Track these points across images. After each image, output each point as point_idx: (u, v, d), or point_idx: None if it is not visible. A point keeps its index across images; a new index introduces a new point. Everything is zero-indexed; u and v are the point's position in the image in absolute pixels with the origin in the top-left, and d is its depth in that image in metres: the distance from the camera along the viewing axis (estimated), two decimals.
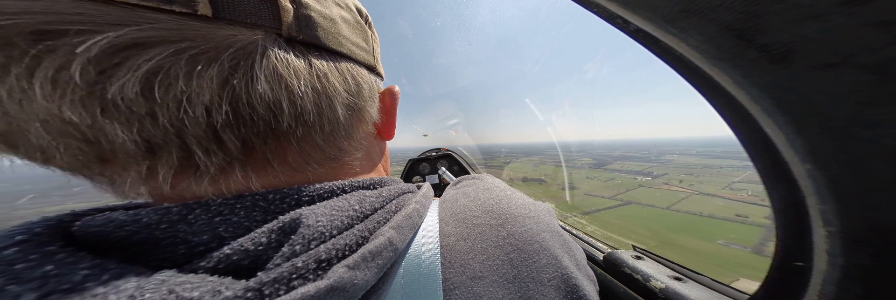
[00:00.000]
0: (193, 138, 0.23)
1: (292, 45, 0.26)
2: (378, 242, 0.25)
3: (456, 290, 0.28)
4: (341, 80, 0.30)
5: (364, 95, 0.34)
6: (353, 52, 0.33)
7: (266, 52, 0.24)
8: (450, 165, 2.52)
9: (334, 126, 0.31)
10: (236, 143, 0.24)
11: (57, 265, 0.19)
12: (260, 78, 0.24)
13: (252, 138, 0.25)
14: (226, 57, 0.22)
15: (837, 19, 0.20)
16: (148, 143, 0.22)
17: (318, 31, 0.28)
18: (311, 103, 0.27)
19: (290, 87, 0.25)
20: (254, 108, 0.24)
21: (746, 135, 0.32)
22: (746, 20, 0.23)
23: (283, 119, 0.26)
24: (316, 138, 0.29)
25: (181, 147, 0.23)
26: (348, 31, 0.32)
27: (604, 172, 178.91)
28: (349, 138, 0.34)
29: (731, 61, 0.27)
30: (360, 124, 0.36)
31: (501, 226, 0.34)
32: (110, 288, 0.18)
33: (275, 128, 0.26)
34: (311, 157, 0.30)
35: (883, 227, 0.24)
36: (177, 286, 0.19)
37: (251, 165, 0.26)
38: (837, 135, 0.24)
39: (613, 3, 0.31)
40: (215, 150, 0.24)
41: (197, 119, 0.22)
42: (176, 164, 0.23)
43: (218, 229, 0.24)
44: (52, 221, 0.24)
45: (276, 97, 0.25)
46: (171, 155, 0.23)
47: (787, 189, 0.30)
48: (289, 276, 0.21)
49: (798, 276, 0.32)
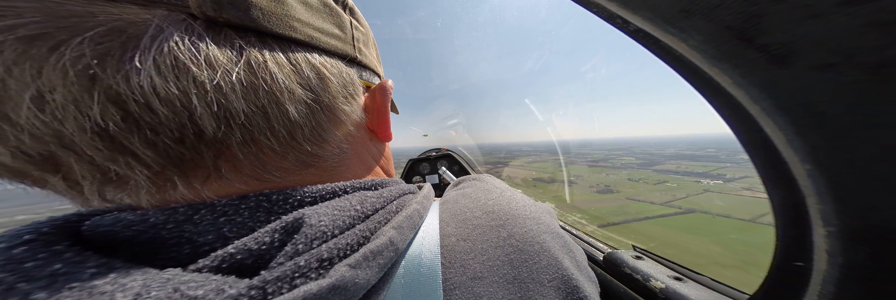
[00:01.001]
0: (86, 148, 0.19)
1: (214, 29, 0.22)
2: (379, 242, 0.25)
3: (456, 290, 0.28)
4: (292, 73, 0.25)
5: (332, 91, 0.29)
6: (316, 39, 0.28)
7: (159, 36, 0.19)
8: (450, 165, 2.52)
9: (291, 128, 0.26)
10: (150, 154, 0.21)
11: (65, 264, 0.19)
12: (146, 69, 0.19)
13: (172, 145, 0.21)
14: (86, 41, 0.18)
15: (837, 19, 0.20)
16: (26, 154, 0.19)
17: (250, 11, 0.23)
18: (242, 100, 0.22)
19: (200, 81, 0.20)
20: (151, 108, 0.20)
21: (746, 135, 0.32)
22: (746, 20, 0.23)
23: (202, 120, 0.21)
24: (268, 143, 0.25)
25: (80, 158, 0.20)
26: (307, 15, 0.28)
27: (653, 174, 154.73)
28: (320, 142, 0.30)
29: (731, 61, 0.27)
30: (335, 125, 0.31)
31: (502, 226, 0.34)
32: (117, 286, 0.18)
33: (198, 132, 0.22)
34: (271, 165, 0.27)
35: (883, 227, 0.24)
36: (182, 285, 0.19)
37: (194, 176, 0.24)
38: (837, 135, 0.24)
39: (613, 3, 0.31)
40: (129, 162, 0.21)
41: (72, 122, 0.18)
42: (96, 178, 0.21)
43: (222, 229, 0.24)
44: (59, 221, 0.24)
45: (177, 93, 0.20)
46: (79, 166, 0.20)
47: (787, 189, 0.30)
48: (291, 275, 0.21)
49: (798, 276, 0.32)
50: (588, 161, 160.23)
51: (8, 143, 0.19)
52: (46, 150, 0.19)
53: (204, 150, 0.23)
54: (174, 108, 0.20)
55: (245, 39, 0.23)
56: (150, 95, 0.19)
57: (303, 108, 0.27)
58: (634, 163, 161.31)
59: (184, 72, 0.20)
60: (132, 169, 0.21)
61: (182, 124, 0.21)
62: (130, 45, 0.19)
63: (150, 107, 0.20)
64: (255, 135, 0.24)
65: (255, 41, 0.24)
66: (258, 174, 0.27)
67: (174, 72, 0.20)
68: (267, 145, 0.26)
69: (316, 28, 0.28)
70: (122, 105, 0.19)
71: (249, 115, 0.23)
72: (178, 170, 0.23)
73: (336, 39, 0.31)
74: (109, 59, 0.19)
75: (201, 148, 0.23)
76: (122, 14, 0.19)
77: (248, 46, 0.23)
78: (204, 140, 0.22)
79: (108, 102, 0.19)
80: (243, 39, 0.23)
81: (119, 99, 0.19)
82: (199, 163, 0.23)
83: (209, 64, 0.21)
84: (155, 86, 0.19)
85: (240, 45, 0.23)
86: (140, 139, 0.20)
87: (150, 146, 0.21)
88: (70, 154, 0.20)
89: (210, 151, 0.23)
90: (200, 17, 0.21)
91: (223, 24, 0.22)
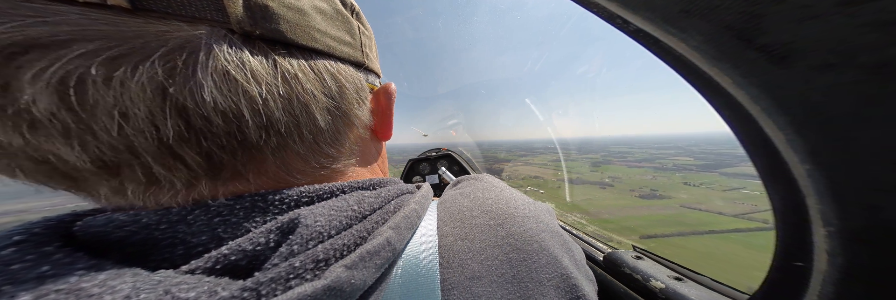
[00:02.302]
0: (149, 155, 0.21)
1: (249, 43, 0.23)
2: (376, 242, 0.25)
3: (454, 290, 0.28)
4: (317, 82, 0.27)
5: (349, 97, 0.31)
6: (333, 48, 0.29)
7: (211, 52, 0.21)
8: (450, 165, 2.52)
9: (317, 134, 0.28)
10: (197, 159, 0.22)
11: (53, 265, 0.19)
12: (207, 84, 0.21)
13: (216, 152, 0.23)
14: (156, 59, 0.19)
15: (837, 19, 0.20)
16: (101, 161, 0.21)
17: (280, 23, 0.24)
18: (281, 111, 0.24)
19: (250, 94, 0.22)
20: (209, 119, 0.21)
21: (746, 135, 0.32)
22: (746, 20, 0.23)
23: (249, 130, 0.23)
24: (296, 148, 0.27)
25: (142, 164, 0.21)
26: (325, 24, 0.29)
27: (721, 178, 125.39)
28: (337, 145, 0.32)
29: (731, 61, 0.27)
30: (350, 129, 0.33)
31: (500, 225, 0.34)
32: (106, 289, 0.18)
33: (242, 140, 0.23)
34: (294, 168, 0.28)
35: (883, 227, 0.24)
36: (173, 287, 0.19)
37: (221, 179, 0.25)
38: (837, 135, 0.24)
39: (613, 3, 0.31)
40: (177, 167, 0.22)
41: (144, 134, 0.20)
42: (144, 181, 0.22)
43: (217, 230, 0.24)
44: (52, 221, 0.24)
45: (233, 106, 0.22)
46: (135, 172, 0.22)
47: (787, 189, 0.30)
48: (286, 276, 0.20)
49: (798, 276, 0.32)
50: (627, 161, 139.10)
51: (91, 152, 0.20)
52: (118, 157, 0.21)
53: (240, 155, 0.24)
54: (227, 118, 0.22)
55: (277, 52, 0.24)
56: (210, 108, 0.21)
57: (327, 115, 0.29)
58: (692, 164, 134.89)
59: (235, 85, 0.22)
60: (178, 173, 0.22)
61: (230, 133, 0.23)
62: (191, 62, 0.20)
63: (209, 118, 0.21)
64: (287, 141, 0.26)
65: (284, 53, 0.25)
66: (280, 176, 0.28)
67: (228, 86, 0.22)
68: (294, 150, 0.28)
69: (332, 37, 0.30)
70: (185, 117, 0.21)
71: (286, 123, 0.25)
72: (212, 174, 0.24)
73: (348, 46, 0.32)
74: (177, 77, 0.20)
75: (239, 153, 0.24)
76: (175, 31, 0.20)
77: (280, 58, 0.24)
78: (244, 146, 0.24)
79: (177, 116, 0.21)
80: (275, 52, 0.24)
81: (184, 112, 0.21)
82: (231, 167, 0.25)
83: (255, 78, 0.23)
84: (215, 99, 0.21)
85: (273, 58, 0.24)
86: (193, 147, 0.22)
87: (199, 152, 0.22)
88: (135, 161, 0.21)
89: (245, 156, 0.25)
90: (238, 31, 0.22)
91: (256, 38, 0.23)
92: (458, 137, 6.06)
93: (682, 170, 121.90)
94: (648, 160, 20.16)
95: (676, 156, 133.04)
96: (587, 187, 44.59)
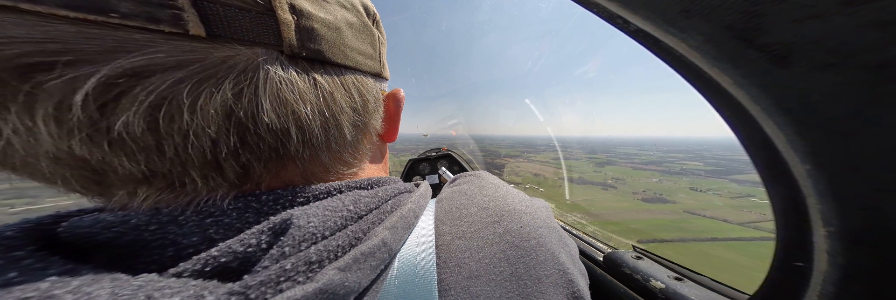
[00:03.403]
0: (197, 168, 0.22)
1: (295, 63, 0.24)
2: (371, 243, 0.25)
3: (451, 291, 0.28)
4: (347, 98, 0.29)
5: (369, 109, 0.33)
6: (360, 63, 0.31)
7: (268, 75, 0.22)
8: (450, 165, 2.52)
9: (341, 145, 0.30)
10: (237, 170, 0.24)
11: (21, 271, 0.18)
12: (265, 106, 0.22)
13: (253, 163, 0.24)
14: (227, 84, 0.21)
15: (837, 19, 0.20)
16: (151, 171, 0.22)
17: (322, 44, 0.26)
18: (319, 127, 0.26)
19: (298, 114, 0.24)
20: (262, 137, 0.23)
21: (746, 135, 0.32)
22: (747, 20, 0.23)
23: (291, 145, 0.25)
24: (321, 158, 0.29)
25: (182, 174, 0.22)
26: (354, 39, 0.30)
27: (731, 184, 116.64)
28: (355, 153, 0.34)
29: (731, 61, 0.27)
30: (365, 137, 0.35)
31: (498, 223, 0.34)
32: (80, 295, 0.17)
33: (282, 153, 0.25)
34: (314, 175, 0.30)
35: (883, 227, 0.24)
36: (155, 291, 0.18)
37: (238, 187, 0.25)
38: (837, 135, 0.24)
39: (613, 3, 0.31)
40: (214, 177, 0.23)
41: (203, 150, 0.21)
42: (170, 187, 0.23)
43: (208, 231, 0.23)
44: (29, 224, 0.23)
45: (283, 125, 0.24)
46: (170, 180, 0.22)
47: (787, 189, 0.30)
48: (277, 279, 0.20)
49: (798, 276, 0.32)
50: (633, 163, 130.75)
51: (151, 165, 0.21)
52: (167, 169, 0.22)
53: (273, 165, 0.26)
54: (276, 136, 0.24)
55: (316, 70, 0.26)
56: (266, 127, 0.23)
57: (352, 129, 0.31)
58: (701, 170, 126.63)
59: (286, 106, 0.23)
60: (211, 181, 0.23)
61: (274, 148, 0.24)
62: (251, 85, 0.22)
63: (261, 136, 0.23)
64: (317, 152, 0.28)
65: (322, 71, 0.26)
66: (297, 181, 0.29)
67: (282, 107, 0.23)
68: (320, 160, 0.29)
69: (359, 52, 0.31)
70: (241, 135, 0.22)
71: (319, 137, 0.27)
72: (240, 182, 0.25)
73: (371, 59, 0.33)
74: (242, 98, 0.22)
75: (271, 164, 0.25)
76: (237, 55, 0.21)
77: (319, 77, 0.26)
78: (281, 157, 0.26)
79: (236, 134, 0.22)
80: (315, 71, 0.26)
81: (243, 131, 0.22)
82: (257, 176, 0.25)
83: (302, 98, 0.24)
84: (271, 119, 0.23)
85: (314, 77, 0.25)
86: (239, 160, 0.23)
87: (239, 164, 0.23)
88: (178, 171, 0.22)
89: (277, 165, 0.26)
90: (288, 53, 0.24)
91: (300, 58, 0.25)
92: (462, 133, 6.07)
93: (690, 175, 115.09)
94: (655, 163, 18.88)
95: (686, 160, 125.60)
96: (589, 187, 42.27)
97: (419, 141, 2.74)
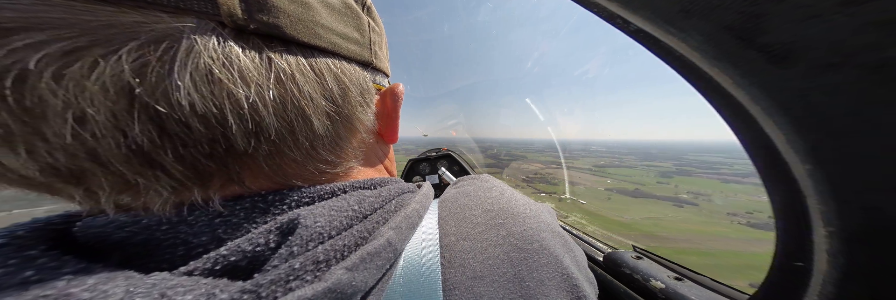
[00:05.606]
0: (117, 163, 0.19)
1: (242, 38, 0.21)
2: (377, 243, 0.25)
3: (455, 290, 0.28)
4: (316, 84, 0.25)
5: (352, 100, 0.29)
6: (338, 46, 0.27)
7: (193, 47, 0.18)
8: (450, 165, 2.52)
9: (313, 140, 0.26)
10: (178, 167, 0.21)
11: (38, 270, 0.18)
12: (179, 83, 0.18)
13: (201, 159, 0.21)
14: (124, 54, 0.17)
15: (837, 19, 0.20)
16: (54, 168, 0.19)
17: (279, 17, 0.22)
18: (273, 116, 0.22)
19: (234, 97, 0.20)
20: (187, 125, 0.19)
21: (746, 135, 0.32)
22: (746, 20, 0.23)
23: (235, 137, 0.21)
24: (291, 155, 0.26)
25: (111, 172, 0.19)
26: (331, 19, 0.27)
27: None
28: (338, 150, 0.30)
29: (731, 61, 0.27)
30: (352, 134, 0.32)
31: (501, 225, 0.34)
32: (97, 293, 0.17)
33: (228, 147, 0.22)
34: (291, 175, 0.27)
35: (883, 227, 0.24)
36: (169, 289, 0.18)
37: (212, 186, 0.24)
38: (837, 135, 0.24)
39: (613, 3, 0.31)
40: (156, 175, 0.20)
41: (108, 140, 0.18)
42: (115, 189, 0.21)
43: (217, 230, 0.23)
44: (40, 223, 0.23)
45: (214, 110, 0.19)
46: (102, 180, 0.20)
47: (787, 189, 0.30)
48: (286, 278, 0.20)
49: (798, 276, 0.32)
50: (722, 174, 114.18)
51: (41, 159, 0.18)
52: (77, 165, 0.19)
53: (230, 163, 0.23)
54: (209, 124, 0.20)
55: (273, 49, 0.22)
56: (188, 113, 0.19)
57: (325, 121, 0.26)
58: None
59: (219, 88, 0.19)
60: (158, 181, 0.21)
61: (214, 140, 0.21)
62: (167, 59, 0.18)
63: (187, 124, 0.19)
64: (280, 148, 0.24)
65: (282, 50, 0.23)
66: (278, 182, 0.27)
67: (210, 88, 0.19)
68: (290, 157, 0.26)
69: (338, 34, 0.27)
70: (158, 122, 0.19)
71: (278, 129, 0.23)
72: (201, 182, 0.23)
73: (355, 44, 0.30)
74: (149, 76, 0.18)
75: (228, 161, 0.23)
76: (153, 23, 0.18)
77: (276, 56, 0.22)
78: (232, 154, 0.22)
79: (148, 120, 0.18)
80: (271, 49, 0.22)
81: (157, 117, 0.19)
82: (222, 174, 0.23)
83: (243, 79, 0.20)
84: (193, 103, 0.19)
85: (268, 55, 0.22)
86: (172, 154, 0.20)
87: (179, 160, 0.20)
88: (100, 169, 0.19)
89: (236, 164, 0.23)
90: (230, 25, 0.20)
91: (251, 32, 0.21)
92: (457, 137, 6.06)
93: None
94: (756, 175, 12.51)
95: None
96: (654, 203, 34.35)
97: (419, 141, 2.73)
